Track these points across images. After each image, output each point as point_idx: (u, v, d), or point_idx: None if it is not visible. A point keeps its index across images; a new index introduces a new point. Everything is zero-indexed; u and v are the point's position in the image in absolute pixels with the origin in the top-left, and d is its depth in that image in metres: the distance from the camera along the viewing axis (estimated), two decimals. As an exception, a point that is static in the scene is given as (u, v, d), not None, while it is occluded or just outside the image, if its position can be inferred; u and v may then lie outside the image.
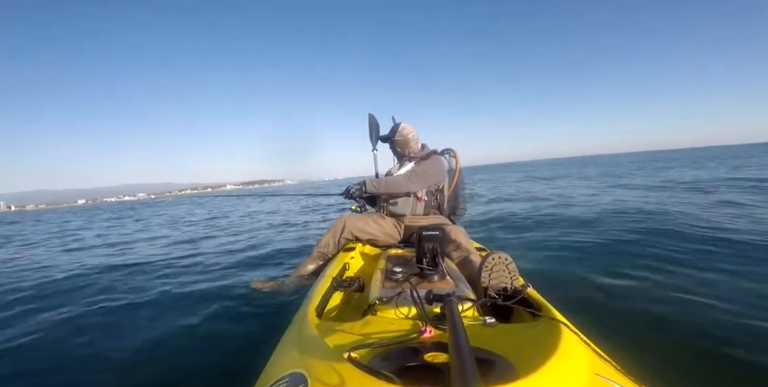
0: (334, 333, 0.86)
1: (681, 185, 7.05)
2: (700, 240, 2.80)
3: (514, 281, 1.13)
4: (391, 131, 2.18)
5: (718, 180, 7.42)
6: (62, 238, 6.78)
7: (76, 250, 4.86)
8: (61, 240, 6.51)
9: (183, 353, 1.53)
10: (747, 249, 2.49)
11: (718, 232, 2.98)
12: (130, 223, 9.45)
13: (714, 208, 4.16)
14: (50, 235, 7.87)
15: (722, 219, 3.48)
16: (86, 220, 13.41)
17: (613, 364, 0.75)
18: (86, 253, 4.50)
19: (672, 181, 8.09)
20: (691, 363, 1.29)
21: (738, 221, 3.38)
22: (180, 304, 2.13)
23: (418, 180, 1.99)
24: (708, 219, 3.51)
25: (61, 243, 5.98)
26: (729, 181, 7.12)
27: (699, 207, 4.24)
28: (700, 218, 3.57)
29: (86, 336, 1.78)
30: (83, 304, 2.25)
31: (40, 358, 1.58)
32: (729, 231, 2.99)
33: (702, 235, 2.92)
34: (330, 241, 2.01)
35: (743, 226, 3.13)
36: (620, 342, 1.12)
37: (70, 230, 8.74)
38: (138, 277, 2.88)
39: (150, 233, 6.30)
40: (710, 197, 5.01)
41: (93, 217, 15.56)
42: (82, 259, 3.92)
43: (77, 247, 5.21)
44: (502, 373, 0.62)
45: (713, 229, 3.07)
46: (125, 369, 1.44)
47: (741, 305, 1.69)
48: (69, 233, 7.98)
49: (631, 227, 3.43)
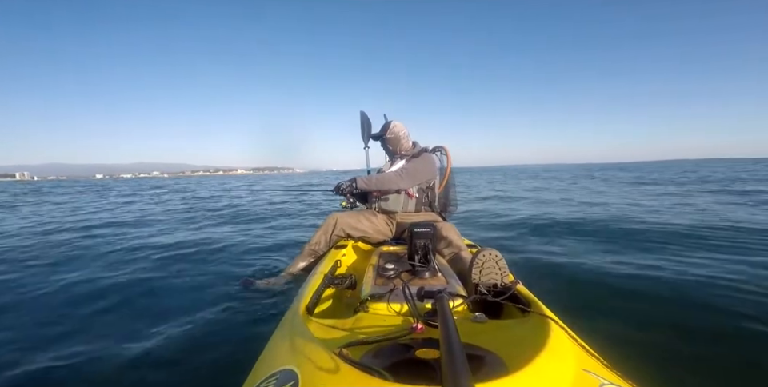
0: (326, 329, 0.86)
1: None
2: (685, 236, 2.88)
3: (504, 277, 1.14)
4: (382, 129, 2.18)
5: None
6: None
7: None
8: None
9: (172, 351, 1.51)
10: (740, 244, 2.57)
11: (707, 228, 3.06)
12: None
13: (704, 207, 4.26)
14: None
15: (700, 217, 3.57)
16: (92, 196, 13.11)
17: (600, 359, 0.76)
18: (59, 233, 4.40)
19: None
20: (677, 358, 1.32)
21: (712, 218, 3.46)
22: (168, 301, 2.10)
23: (409, 177, 1.99)
24: (690, 217, 3.60)
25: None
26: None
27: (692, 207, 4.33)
28: (682, 216, 3.66)
29: (72, 329, 1.75)
30: (64, 297, 2.20)
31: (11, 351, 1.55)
32: (716, 229, 3.07)
33: (687, 231, 3.00)
34: (321, 238, 2.00)
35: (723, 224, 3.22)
36: (607, 338, 1.14)
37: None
38: (123, 269, 2.83)
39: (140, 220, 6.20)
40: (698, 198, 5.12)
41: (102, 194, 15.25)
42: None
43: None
44: (492, 368, 0.62)
45: (695, 227, 3.14)
46: (111, 365, 1.42)
47: (727, 301, 1.74)
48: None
49: (615, 225, 3.49)
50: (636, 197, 6.57)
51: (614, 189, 7.95)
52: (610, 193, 7.38)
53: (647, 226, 3.39)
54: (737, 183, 9.18)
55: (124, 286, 2.41)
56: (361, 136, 2.51)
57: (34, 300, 2.18)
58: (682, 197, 5.83)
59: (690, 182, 9.90)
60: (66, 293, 2.27)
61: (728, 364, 1.29)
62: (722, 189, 6.78)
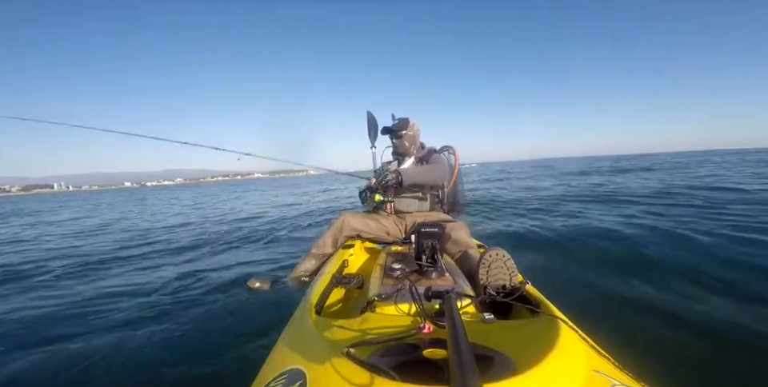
0: (333, 329, 0.86)
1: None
2: (699, 238, 2.81)
3: (512, 277, 1.13)
4: (402, 125, 2.08)
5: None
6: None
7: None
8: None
9: (181, 351, 1.53)
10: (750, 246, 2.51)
11: (721, 232, 2.99)
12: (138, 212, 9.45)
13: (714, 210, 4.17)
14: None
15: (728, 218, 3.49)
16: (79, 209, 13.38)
17: (611, 360, 0.75)
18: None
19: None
20: (690, 359, 1.30)
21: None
22: (177, 301, 2.13)
23: (443, 171, 1.99)
24: (705, 220, 3.52)
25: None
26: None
27: (699, 209, 4.25)
28: (697, 218, 3.59)
29: (80, 330, 1.78)
30: (74, 294, 2.25)
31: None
32: (733, 229, 3.00)
33: (701, 235, 2.93)
34: (329, 239, 2.00)
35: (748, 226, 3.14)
36: (619, 339, 1.12)
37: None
38: (130, 271, 2.88)
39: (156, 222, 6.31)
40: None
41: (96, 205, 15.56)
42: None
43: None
44: (500, 368, 0.62)
45: (713, 231, 3.08)
46: (123, 366, 1.44)
47: (739, 302, 1.70)
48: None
49: (628, 224, 3.44)
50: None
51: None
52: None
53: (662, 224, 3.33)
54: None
55: (134, 285, 2.45)
56: (368, 136, 2.51)
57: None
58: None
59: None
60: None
61: (742, 365, 1.26)
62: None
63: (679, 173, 9.70)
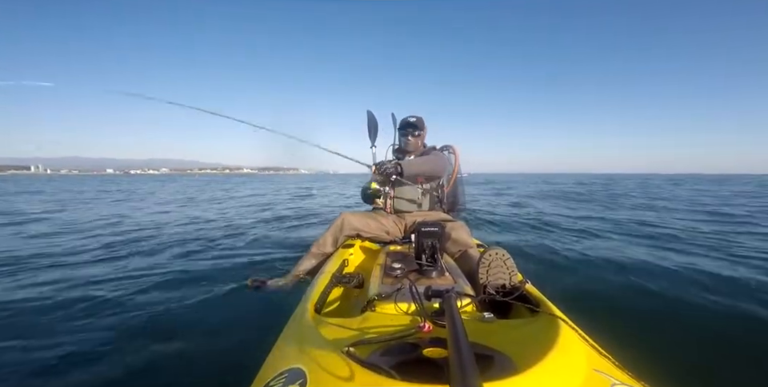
0: (333, 328, 0.86)
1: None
2: (700, 239, 2.82)
3: (512, 276, 1.13)
4: (422, 122, 2.12)
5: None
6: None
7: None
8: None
9: (180, 350, 1.53)
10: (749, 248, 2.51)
11: (719, 233, 3.00)
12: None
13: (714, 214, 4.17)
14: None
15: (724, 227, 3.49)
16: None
17: (611, 359, 0.75)
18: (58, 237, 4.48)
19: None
20: (689, 358, 1.30)
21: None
22: (174, 299, 2.12)
23: (443, 163, 1.99)
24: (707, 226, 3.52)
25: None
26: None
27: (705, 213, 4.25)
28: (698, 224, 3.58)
29: (82, 328, 1.78)
30: (66, 291, 2.24)
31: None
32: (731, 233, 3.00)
33: (702, 235, 2.94)
34: (329, 238, 1.99)
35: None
36: (618, 338, 1.12)
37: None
38: (126, 270, 2.87)
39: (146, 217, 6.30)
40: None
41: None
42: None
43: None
44: (500, 368, 0.62)
45: (711, 232, 3.08)
46: (120, 366, 1.44)
47: (739, 300, 1.70)
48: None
49: (628, 226, 3.44)
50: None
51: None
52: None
53: (666, 224, 3.33)
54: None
55: (131, 284, 2.45)
56: (368, 135, 2.51)
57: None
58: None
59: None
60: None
61: (740, 364, 1.26)
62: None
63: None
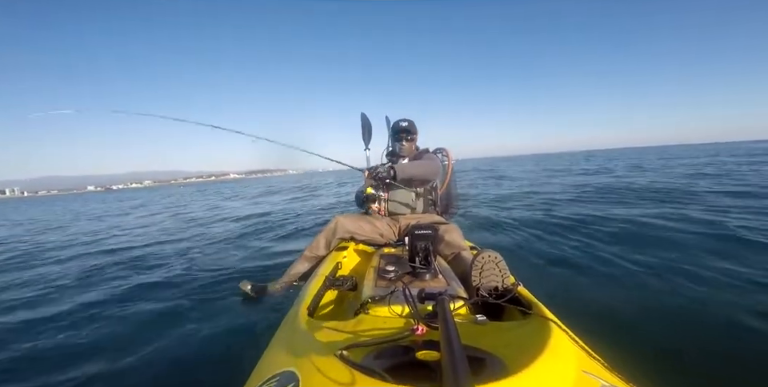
0: (326, 331, 0.86)
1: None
2: (689, 238, 2.86)
3: (504, 279, 1.14)
4: (413, 127, 2.12)
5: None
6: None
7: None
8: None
9: (173, 354, 1.51)
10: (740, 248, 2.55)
11: (716, 230, 3.04)
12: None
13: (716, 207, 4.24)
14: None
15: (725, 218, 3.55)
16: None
17: (601, 361, 0.76)
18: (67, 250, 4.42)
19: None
20: (678, 360, 1.32)
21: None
22: (168, 304, 2.10)
23: (437, 166, 1.98)
24: (702, 219, 3.58)
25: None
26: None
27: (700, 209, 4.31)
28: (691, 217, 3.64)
29: (73, 331, 1.75)
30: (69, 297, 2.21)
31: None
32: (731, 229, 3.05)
33: (693, 233, 2.98)
34: (322, 241, 1.98)
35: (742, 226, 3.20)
36: (608, 340, 1.14)
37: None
38: (119, 274, 2.84)
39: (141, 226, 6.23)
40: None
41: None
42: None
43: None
44: (492, 370, 0.62)
45: (705, 229, 3.13)
46: (113, 368, 1.42)
47: (728, 302, 1.73)
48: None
49: (618, 227, 3.48)
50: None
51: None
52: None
53: (660, 225, 3.36)
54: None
55: (119, 289, 2.42)
56: (362, 138, 2.51)
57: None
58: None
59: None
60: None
61: (730, 365, 1.28)
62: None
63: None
